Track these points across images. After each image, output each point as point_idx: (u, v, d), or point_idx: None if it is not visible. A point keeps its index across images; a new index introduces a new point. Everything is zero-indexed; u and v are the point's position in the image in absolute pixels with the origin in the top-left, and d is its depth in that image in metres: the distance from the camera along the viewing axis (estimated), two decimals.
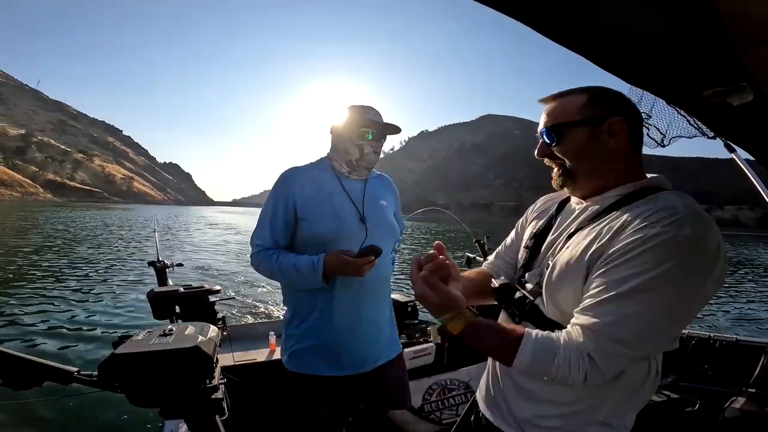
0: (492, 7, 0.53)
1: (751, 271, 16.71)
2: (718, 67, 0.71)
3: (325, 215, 1.34)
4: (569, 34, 0.61)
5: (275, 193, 1.38)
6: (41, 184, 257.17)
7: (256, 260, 1.38)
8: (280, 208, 1.35)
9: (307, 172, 1.41)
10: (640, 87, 0.84)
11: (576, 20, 0.58)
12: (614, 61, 0.69)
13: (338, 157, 1.42)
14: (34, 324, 5.67)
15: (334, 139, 1.43)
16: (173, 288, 2.04)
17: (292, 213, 1.35)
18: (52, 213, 43.39)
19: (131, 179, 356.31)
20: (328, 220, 1.33)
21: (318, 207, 1.34)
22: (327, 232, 1.32)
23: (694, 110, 1.01)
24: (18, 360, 1.04)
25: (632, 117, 0.77)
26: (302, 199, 1.34)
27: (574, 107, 0.78)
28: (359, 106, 1.40)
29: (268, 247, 1.37)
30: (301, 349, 1.36)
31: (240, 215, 68.65)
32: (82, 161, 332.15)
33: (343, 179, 1.42)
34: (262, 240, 1.37)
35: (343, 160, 1.41)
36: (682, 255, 0.63)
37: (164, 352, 1.05)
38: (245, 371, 2.05)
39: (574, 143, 0.78)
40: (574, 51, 0.64)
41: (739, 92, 0.77)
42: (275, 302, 7.15)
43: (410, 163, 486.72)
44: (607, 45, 0.64)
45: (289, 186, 1.36)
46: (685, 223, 0.64)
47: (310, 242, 1.34)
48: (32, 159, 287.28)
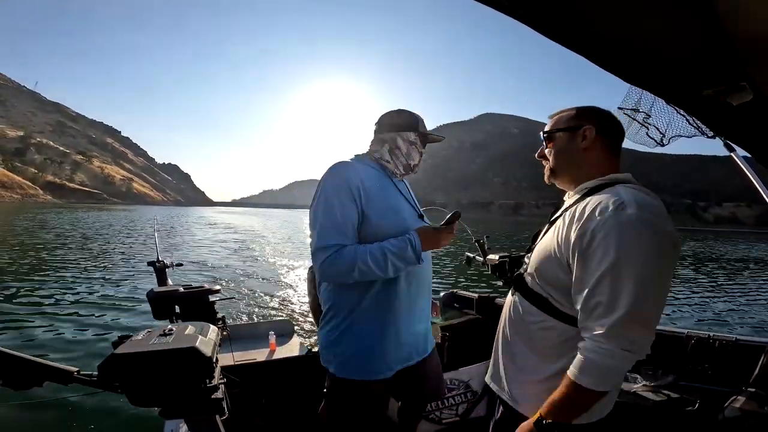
0: (493, 7, 0.53)
1: (749, 269, 16.73)
2: (718, 66, 0.71)
3: (389, 212, 1.31)
4: (569, 34, 0.61)
5: (336, 186, 1.25)
6: (41, 185, 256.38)
7: (332, 262, 1.20)
8: (347, 200, 1.24)
9: (360, 167, 1.34)
10: (640, 86, 0.84)
11: (576, 20, 0.58)
12: (614, 60, 0.70)
13: (395, 159, 1.42)
14: (33, 324, 5.66)
15: (392, 141, 1.42)
16: (173, 288, 2.04)
17: (359, 206, 1.26)
18: (55, 214, 43.40)
19: (130, 180, 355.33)
20: (392, 217, 1.31)
21: (380, 202, 1.30)
22: (392, 228, 1.28)
23: (693, 109, 1.01)
24: (18, 360, 1.04)
25: (603, 125, 0.95)
26: (365, 193, 1.27)
27: (564, 119, 1.00)
28: (417, 114, 1.45)
29: (344, 244, 1.21)
30: (353, 355, 1.29)
31: (239, 215, 68.63)
32: (81, 162, 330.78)
33: (394, 179, 1.44)
34: (337, 239, 1.21)
35: (401, 162, 1.43)
36: (627, 234, 0.77)
37: (164, 352, 1.04)
38: (245, 371, 2.05)
39: (557, 145, 1.00)
40: (574, 51, 0.64)
41: (739, 92, 0.78)
42: (275, 302, 7.15)
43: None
44: (606, 45, 0.64)
45: (350, 178, 1.26)
46: (627, 207, 0.79)
47: (374, 240, 1.25)
48: (31, 161, 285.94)
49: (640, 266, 0.76)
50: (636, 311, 0.77)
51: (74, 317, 6.04)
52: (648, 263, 0.77)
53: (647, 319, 0.79)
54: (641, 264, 0.76)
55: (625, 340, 0.77)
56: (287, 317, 5.42)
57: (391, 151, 1.42)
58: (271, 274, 10.15)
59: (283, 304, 7.05)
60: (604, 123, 0.95)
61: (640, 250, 0.77)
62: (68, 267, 10.28)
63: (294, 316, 6.24)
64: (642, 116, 1.43)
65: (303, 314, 6.18)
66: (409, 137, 1.42)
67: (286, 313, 6.44)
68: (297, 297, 7.49)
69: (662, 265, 0.78)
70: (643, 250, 0.77)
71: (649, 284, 0.77)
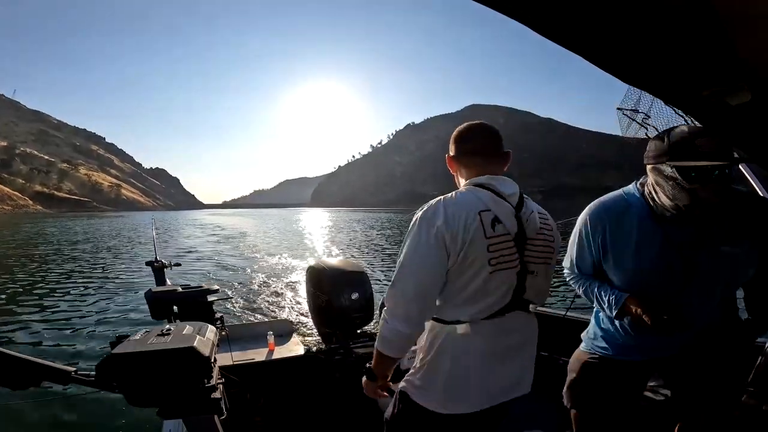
0: (491, 6, 0.53)
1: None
2: (716, 67, 0.71)
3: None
4: (567, 34, 0.61)
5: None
6: (30, 196, 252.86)
7: (572, 281, 1.38)
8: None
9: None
10: (638, 87, 0.84)
11: (574, 20, 0.58)
12: (612, 61, 0.69)
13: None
14: (31, 324, 5.65)
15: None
16: (171, 288, 2.04)
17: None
18: (48, 224, 43.31)
19: (119, 187, 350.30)
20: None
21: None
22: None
23: (691, 110, 1.01)
24: (15, 360, 1.04)
25: (456, 143, 1.13)
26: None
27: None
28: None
29: (578, 275, 1.35)
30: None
31: (230, 217, 68.39)
32: (67, 171, 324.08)
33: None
34: (573, 268, 1.35)
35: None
36: (415, 225, 1.00)
37: (162, 352, 1.04)
38: (244, 371, 2.05)
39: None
40: (572, 51, 0.64)
41: (737, 92, 0.78)
42: (274, 302, 7.14)
43: (398, 156, 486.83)
44: (604, 45, 0.64)
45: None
46: (424, 207, 1.01)
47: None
48: (18, 171, 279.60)
49: (405, 248, 0.99)
50: (394, 284, 0.98)
51: (72, 317, 6.03)
52: (409, 245, 0.98)
53: (402, 291, 0.97)
54: (406, 245, 0.99)
55: (387, 310, 0.98)
56: (286, 317, 5.42)
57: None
58: (270, 274, 10.14)
59: (282, 304, 7.04)
60: (458, 139, 1.15)
61: (415, 235, 0.98)
62: (67, 268, 10.26)
63: (293, 316, 6.23)
64: (641, 117, 1.43)
65: (302, 314, 6.18)
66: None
67: (284, 313, 6.44)
68: (296, 297, 7.48)
69: (417, 244, 0.97)
70: (418, 236, 0.98)
71: (407, 262, 0.97)
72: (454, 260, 0.96)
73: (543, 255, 1.05)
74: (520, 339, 1.06)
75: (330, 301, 2.46)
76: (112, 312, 6.38)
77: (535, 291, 1.04)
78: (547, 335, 2.51)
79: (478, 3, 0.53)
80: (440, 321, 1.03)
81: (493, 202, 0.99)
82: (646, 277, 1.20)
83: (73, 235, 20.15)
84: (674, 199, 1.09)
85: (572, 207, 1.91)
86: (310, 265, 2.80)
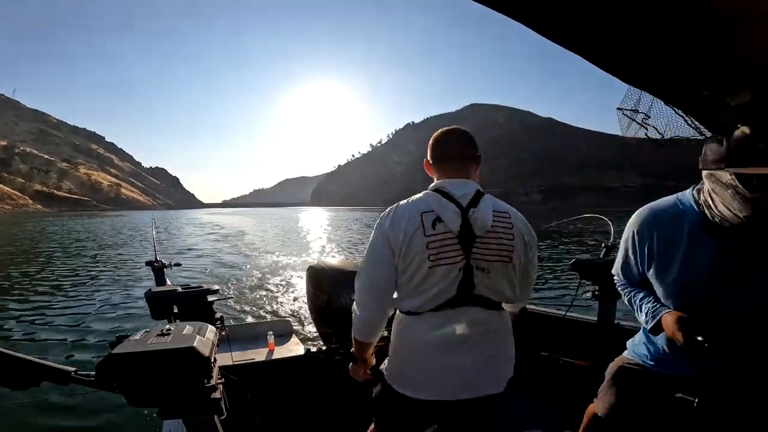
0: (491, 7, 0.53)
1: None
2: (716, 67, 0.71)
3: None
4: (567, 34, 0.61)
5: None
6: (30, 195, 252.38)
7: (619, 288, 1.38)
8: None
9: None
10: (638, 87, 0.84)
11: (574, 20, 0.57)
12: (612, 61, 0.69)
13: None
14: (31, 324, 5.65)
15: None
16: (171, 288, 2.03)
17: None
18: (48, 223, 43.36)
19: (119, 186, 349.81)
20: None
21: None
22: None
23: (691, 110, 1.01)
24: (15, 360, 1.04)
25: (430, 148, 1.20)
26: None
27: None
28: None
29: (624, 283, 1.34)
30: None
31: (230, 216, 68.41)
32: (67, 170, 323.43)
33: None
34: (619, 275, 1.35)
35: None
36: (374, 228, 1.14)
37: (161, 352, 1.04)
38: (244, 371, 2.05)
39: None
40: (572, 51, 0.64)
41: (737, 92, 0.78)
42: (273, 302, 7.14)
43: (398, 155, 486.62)
44: (604, 45, 0.64)
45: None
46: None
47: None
48: (17, 170, 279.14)
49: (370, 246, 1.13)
50: (356, 278, 1.14)
51: (72, 317, 6.03)
52: (368, 245, 1.13)
53: (361, 284, 1.13)
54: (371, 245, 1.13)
55: (354, 301, 1.15)
56: (286, 317, 5.42)
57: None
58: (269, 274, 10.14)
59: (282, 304, 7.04)
60: (431, 147, 1.23)
61: (374, 237, 1.13)
62: (67, 269, 10.26)
63: (293, 316, 6.23)
64: (641, 117, 1.43)
65: (302, 314, 6.18)
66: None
67: (284, 313, 6.43)
68: (296, 297, 7.48)
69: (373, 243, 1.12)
70: (375, 237, 1.12)
71: (364, 260, 1.13)
72: (398, 257, 1.08)
73: (497, 253, 1.07)
74: (474, 334, 1.08)
75: (330, 301, 2.46)
76: (112, 312, 6.38)
77: (487, 287, 1.07)
78: (547, 335, 2.52)
79: (478, 3, 0.53)
80: (401, 311, 1.15)
81: (438, 204, 1.08)
82: (692, 290, 1.13)
83: (75, 234, 20.16)
84: (733, 210, 0.98)
85: (572, 207, 1.92)
86: (310, 265, 2.80)
